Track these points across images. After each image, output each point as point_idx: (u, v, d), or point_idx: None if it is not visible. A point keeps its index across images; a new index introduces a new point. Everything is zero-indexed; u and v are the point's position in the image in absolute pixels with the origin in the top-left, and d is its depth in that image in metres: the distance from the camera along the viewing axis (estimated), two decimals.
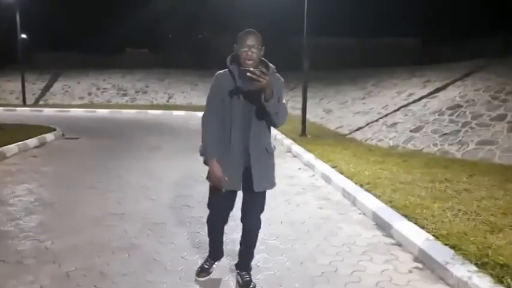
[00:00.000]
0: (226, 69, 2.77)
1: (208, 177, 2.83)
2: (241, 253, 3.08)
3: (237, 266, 3.13)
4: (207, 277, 3.12)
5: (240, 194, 2.90)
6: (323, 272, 3.22)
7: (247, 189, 2.81)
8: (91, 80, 24.39)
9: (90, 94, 23.18)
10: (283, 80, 2.78)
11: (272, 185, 2.85)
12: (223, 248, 3.19)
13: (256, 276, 3.14)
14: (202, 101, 22.12)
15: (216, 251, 3.15)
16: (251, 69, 2.44)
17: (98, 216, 4.50)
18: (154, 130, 13.15)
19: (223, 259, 3.25)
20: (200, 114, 13.19)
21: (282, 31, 24.34)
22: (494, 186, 5.27)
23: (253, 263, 3.37)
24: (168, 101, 22.44)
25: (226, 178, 2.71)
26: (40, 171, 6.67)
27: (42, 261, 3.38)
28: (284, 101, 2.71)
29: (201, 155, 2.84)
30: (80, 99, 22.63)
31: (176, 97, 22.80)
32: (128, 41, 31.36)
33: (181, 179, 6.33)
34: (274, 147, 2.91)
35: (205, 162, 2.82)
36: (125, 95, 23.10)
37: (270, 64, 2.72)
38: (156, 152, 8.86)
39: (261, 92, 2.53)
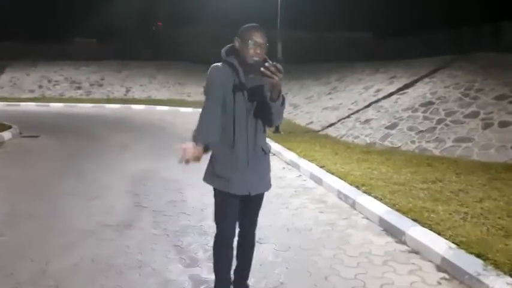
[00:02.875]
0: (221, 63, 2.47)
1: (209, 179, 2.57)
2: (239, 267, 2.81)
3: (234, 283, 2.83)
4: None
5: None
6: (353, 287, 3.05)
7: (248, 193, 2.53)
8: (41, 72, 22.93)
9: (41, 87, 21.78)
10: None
11: (269, 186, 2.64)
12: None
13: None
14: (161, 95, 21.51)
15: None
16: (266, 63, 2.14)
17: (90, 229, 4.09)
18: (117, 126, 12.52)
19: None
20: (160, 108, 12.92)
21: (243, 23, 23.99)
22: (485, 185, 5.31)
23: (275, 278, 3.18)
24: (125, 95, 21.54)
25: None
26: (8, 177, 6.08)
27: (43, 286, 2.99)
28: None
29: (193, 140, 2.38)
30: (30, 93, 21.22)
31: (134, 90, 21.93)
32: (76, 31, 29.64)
33: (165, 182, 5.97)
34: (270, 146, 2.70)
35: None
36: (78, 88, 21.91)
37: (269, 61, 2.40)
38: (126, 152, 8.38)
39: (263, 90, 2.35)
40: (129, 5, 27.82)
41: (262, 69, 2.12)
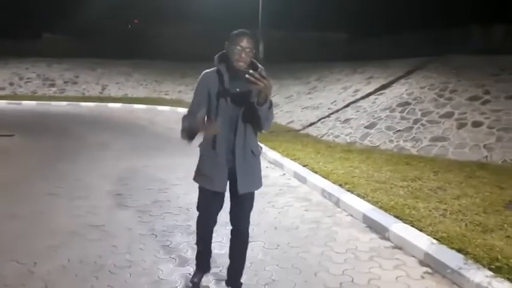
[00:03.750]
0: (213, 68, 2.68)
1: (196, 178, 2.81)
2: (232, 263, 2.95)
3: (228, 282, 2.98)
4: None
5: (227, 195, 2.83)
6: (341, 283, 3.16)
7: (235, 191, 2.73)
8: (12, 69, 22.30)
9: (12, 84, 21.21)
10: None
11: (258, 186, 2.81)
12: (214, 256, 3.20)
13: None
14: (138, 93, 21.29)
15: (204, 261, 3.09)
16: (250, 71, 2.32)
17: (75, 230, 4.08)
18: (94, 125, 12.34)
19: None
20: (138, 106, 12.92)
21: (222, 22, 23.92)
22: (461, 183, 5.54)
23: (266, 275, 3.26)
24: (101, 93, 21.21)
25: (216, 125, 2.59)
26: None
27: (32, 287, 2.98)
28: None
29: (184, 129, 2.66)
30: (1, 90, 20.64)
31: (110, 88, 21.60)
32: (47, 27, 28.76)
33: (148, 182, 5.96)
34: (261, 148, 2.87)
35: (189, 131, 2.64)
36: (52, 85, 21.42)
37: (260, 65, 2.60)
38: (106, 151, 8.30)
39: (250, 95, 2.53)
40: (103, 0, 27.29)
41: (247, 76, 2.29)
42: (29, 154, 7.92)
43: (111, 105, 18.24)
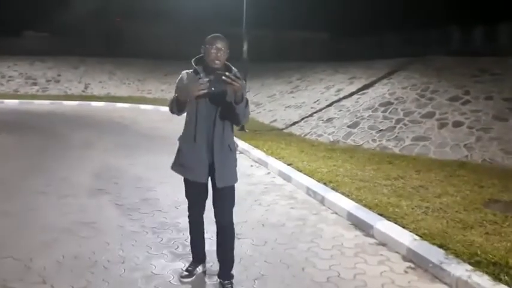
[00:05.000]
0: (191, 70, 2.91)
1: (174, 167, 3.06)
2: (220, 258, 3.07)
3: (219, 275, 3.09)
4: (190, 279, 3.14)
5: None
6: (328, 278, 3.25)
7: (215, 185, 2.91)
8: None
9: None
10: (245, 82, 3.00)
11: (234, 180, 2.97)
12: (205, 251, 3.30)
13: (266, 286, 3.09)
14: (121, 91, 21.12)
15: (198, 252, 3.23)
16: (227, 73, 2.59)
17: (67, 227, 4.11)
18: (78, 124, 12.22)
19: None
20: (121, 105, 12.92)
21: (204, 21, 23.86)
22: (443, 182, 5.70)
23: (256, 270, 3.33)
24: (84, 91, 20.96)
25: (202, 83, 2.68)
26: None
27: (30, 282, 3.03)
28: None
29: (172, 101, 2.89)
30: None
31: (93, 87, 21.36)
32: (27, 23, 28.06)
33: (136, 180, 5.97)
34: (237, 145, 3.06)
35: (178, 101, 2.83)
36: (34, 84, 21.06)
37: (233, 68, 2.87)
38: (90, 149, 8.25)
39: (226, 95, 2.76)
40: None
41: (223, 77, 2.57)
42: (14, 153, 7.83)
43: (94, 104, 18.03)
